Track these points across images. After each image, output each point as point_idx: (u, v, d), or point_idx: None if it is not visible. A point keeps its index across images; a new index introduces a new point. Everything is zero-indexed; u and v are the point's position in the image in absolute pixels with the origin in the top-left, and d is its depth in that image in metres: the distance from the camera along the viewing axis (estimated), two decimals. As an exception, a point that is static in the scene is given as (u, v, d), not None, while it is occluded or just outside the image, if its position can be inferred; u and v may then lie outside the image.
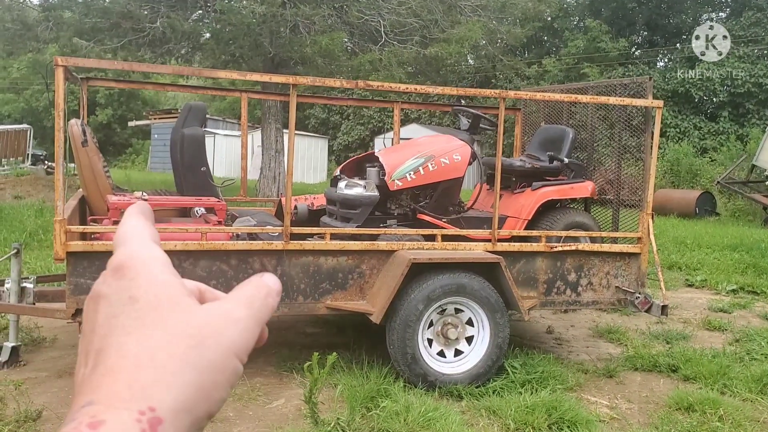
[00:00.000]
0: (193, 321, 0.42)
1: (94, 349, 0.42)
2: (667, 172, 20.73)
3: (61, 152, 4.04)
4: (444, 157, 5.22)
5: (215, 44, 13.90)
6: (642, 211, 5.25)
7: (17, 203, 13.29)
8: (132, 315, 0.42)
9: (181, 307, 0.43)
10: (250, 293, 0.47)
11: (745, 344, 5.88)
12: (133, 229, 0.48)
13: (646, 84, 5.26)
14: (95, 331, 0.43)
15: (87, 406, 0.38)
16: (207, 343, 0.42)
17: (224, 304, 0.46)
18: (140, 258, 0.45)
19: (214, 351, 0.42)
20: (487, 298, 4.57)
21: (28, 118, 34.58)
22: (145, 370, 0.39)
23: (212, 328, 0.43)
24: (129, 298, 0.42)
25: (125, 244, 0.47)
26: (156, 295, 0.43)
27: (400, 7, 13.28)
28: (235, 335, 0.43)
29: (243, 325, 0.44)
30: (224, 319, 0.44)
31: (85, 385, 0.40)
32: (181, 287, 0.45)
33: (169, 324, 0.42)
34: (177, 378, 0.40)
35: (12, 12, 13.79)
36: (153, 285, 0.43)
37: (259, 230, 4.65)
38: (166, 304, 0.43)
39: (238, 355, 0.43)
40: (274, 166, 15.21)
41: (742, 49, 24.47)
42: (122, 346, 0.41)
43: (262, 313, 0.46)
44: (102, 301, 0.43)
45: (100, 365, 0.40)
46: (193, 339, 0.41)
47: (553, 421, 4.00)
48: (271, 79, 4.86)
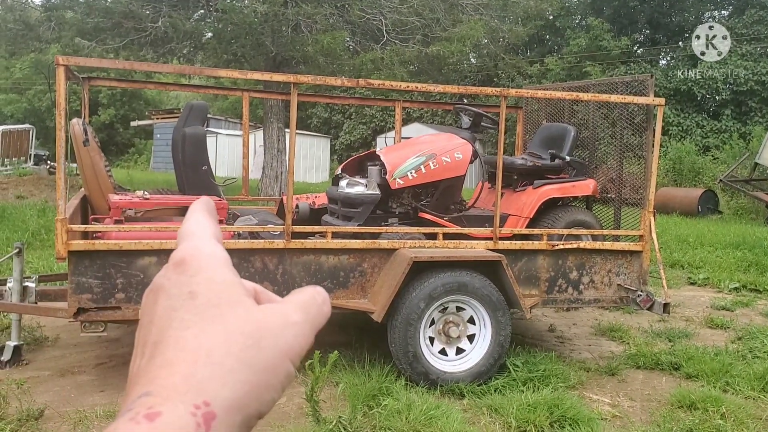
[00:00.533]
0: (250, 320, 0.43)
1: (152, 340, 0.42)
2: (670, 170, 20.70)
3: (62, 152, 4.05)
4: (445, 155, 5.21)
5: (217, 44, 13.90)
6: (644, 209, 5.24)
7: (20, 203, 13.32)
8: (191, 310, 0.42)
9: (240, 306, 0.43)
10: (307, 299, 0.47)
11: (747, 342, 5.87)
12: (197, 225, 0.48)
13: (648, 82, 5.26)
14: (153, 322, 0.43)
15: (144, 396, 0.38)
16: (263, 344, 0.42)
17: (282, 306, 0.46)
18: (202, 254, 0.45)
19: (269, 352, 0.42)
20: (489, 296, 4.57)
21: (31, 118, 34.62)
22: (202, 365, 0.40)
23: (269, 329, 0.43)
24: (189, 293, 0.43)
25: (188, 239, 0.47)
26: (216, 293, 0.43)
27: (402, 5, 13.28)
28: (290, 338, 0.44)
29: (299, 330, 0.45)
30: (281, 321, 0.44)
31: (142, 376, 0.41)
32: (240, 286, 0.45)
33: (227, 321, 0.42)
34: (232, 375, 0.40)
35: (14, 12, 13.81)
36: (213, 282, 0.44)
37: (260, 229, 4.65)
38: (225, 302, 0.43)
39: (292, 359, 0.44)
40: (276, 166, 15.21)
41: (744, 47, 24.43)
42: (180, 340, 0.41)
43: (316, 320, 0.47)
44: (162, 293, 0.44)
45: (158, 357, 0.41)
46: (250, 338, 0.42)
47: (555, 419, 3.99)
48: (272, 78, 4.87)
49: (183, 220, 0.50)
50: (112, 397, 4.24)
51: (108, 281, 4.13)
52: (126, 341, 5.42)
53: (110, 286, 4.14)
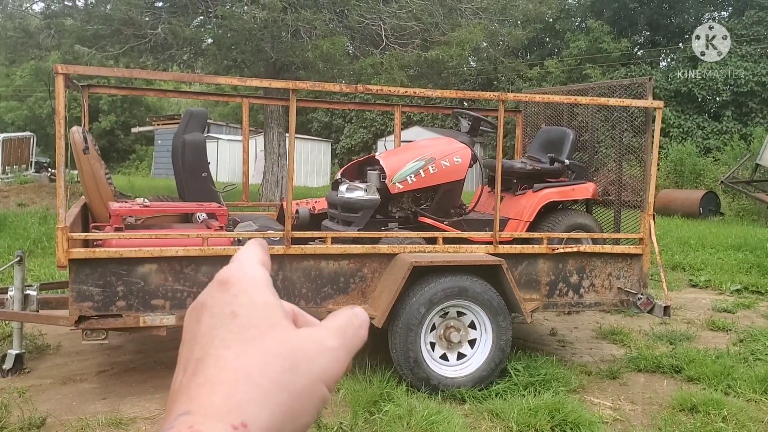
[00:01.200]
0: (288, 344, 0.43)
1: (195, 357, 0.43)
2: (671, 172, 20.68)
3: (62, 159, 4.06)
4: (444, 159, 5.22)
5: (217, 50, 13.92)
6: (643, 211, 5.24)
7: (21, 211, 13.33)
8: (232, 329, 0.43)
9: (278, 328, 0.44)
10: (344, 323, 0.48)
11: (749, 344, 5.86)
12: (248, 251, 0.50)
13: (647, 84, 5.26)
14: (196, 340, 0.44)
15: (184, 415, 0.39)
16: (300, 368, 0.43)
17: (319, 331, 0.46)
18: (246, 276, 0.46)
19: (305, 376, 0.43)
20: (490, 300, 4.57)
21: (32, 125, 34.71)
22: (242, 385, 0.40)
23: (306, 353, 0.44)
24: (231, 313, 0.44)
25: (236, 262, 0.48)
26: (256, 315, 0.44)
27: (401, 10, 13.29)
28: (326, 363, 0.44)
29: (335, 355, 0.45)
30: (318, 345, 0.45)
31: (183, 393, 0.41)
32: (279, 309, 0.46)
33: (266, 343, 0.43)
34: (270, 398, 0.41)
35: (14, 20, 13.83)
36: (254, 304, 0.45)
37: (260, 235, 4.65)
38: (265, 324, 0.44)
39: (327, 383, 0.44)
40: (276, 171, 15.22)
41: (744, 48, 24.42)
42: (221, 359, 0.42)
43: (353, 344, 0.47)
44: (205, 312, 0.45)
45: (200, 374, 0.42)
46: (287, 362, 0.42)
47: (556, 423, 3.99)
48: (271, 84, 4.88)
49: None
50: (114, 404, 4.24)
51: (109, 289, 4.14)
52: (128, 348, 5.42)
53: (111, 293, 4.14)
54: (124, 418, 4.00)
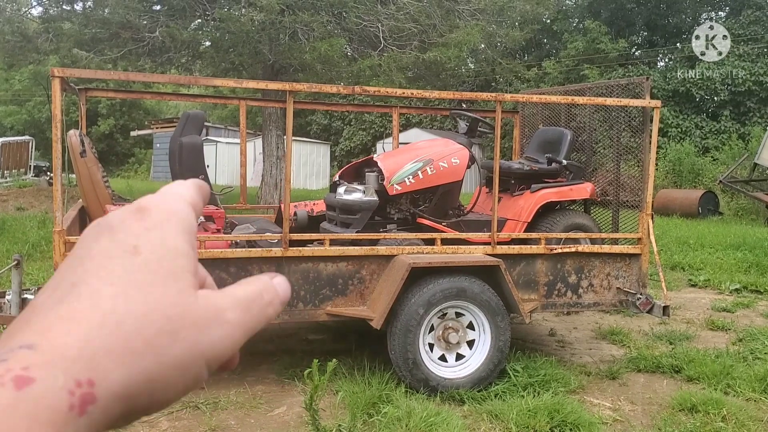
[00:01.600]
0: (180, 303, 0.37)
1: (71, 279, 0.37)
2: (670, 172, 20.69)
3: (59, 163, 4.05)
4: (442, 160, 5.22)
5: (215, 52, 13.93)
6: (642, 211, 5.24)
7: (20, 215, 13.32)
8: (126, 265, 0.37)
9: (177, 283, 0.38)
10: (252, 296, 0.41)
11: (748, 344, 5.85)
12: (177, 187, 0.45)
13: (644, 84, 5.26)
14: (83, 260, 0.38)
15: (26, 348, 0.33)
16: (182, 335, 0.37)
17: (220, 298, 0.40)
18: (167, 211, 0.41)
19: (186, 347, 0.37)
20: (488, 301, 4.56)
21: (31, 129, 34.68)
22: (107, 333, 0.35)
23: (196, 320, 0.38)
24: (133, 247, 0.38)
25: (163, 194, 0.43)
26: (159, 258, 0.38)
27: (399, 12, 13.30)
28: (215, 338, 0.38)
29: (229, 331, 0.39)
30: (213, 315, 0.39)
31: (39, 318, 0.36)
32: (188, 261, 0.40)
33: (154, 295, 0.37)
34: (134, 358, 0.35)
35: (12, 24, 13.84)
36: (162, 246, 0.39)
37: (257, 237, 4.65)
38: (164, 272, 0.38)
39: (209, 362, 0.38)
40: (275, 173, 15.21)
41: (742, 48, 24.44)
42: (97, 294, 0.36)
43: (254, 323, 0.41)
44: (107, 233, 0.39)
45: (65, 303, 0.36)
46: (171, 324, 0.36)
47: (556, 424, 3.98)
48: (268, 86, 4.88)
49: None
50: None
51: (106, 292, 4.12)
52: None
53: (108, 297, 4.13)
54: (122, 422, 3.99)
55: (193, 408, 4.23)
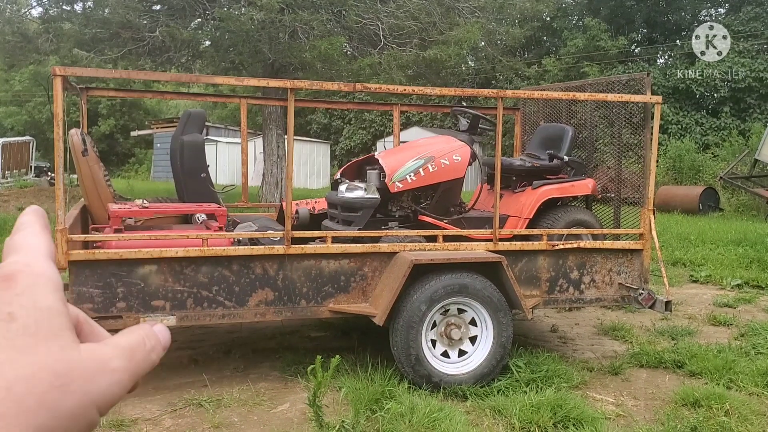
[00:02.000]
0: (65, 359, 0.39)
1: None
2: (670, 168, 20.69)
3: (61, 162, 4.06)
4: (444, 158, 5.22)
5: (215, 51, 13.94)
6: (643, 207, 5.24)
7: (21, 215, 13.31)
8: (5, 333, 0.38)
9: (58, 340, 0.40)
10: (134, 343, 0.44)
11: (750, 339, 5.86)
12: (31, 239, 0.45)
13: (645, 80, 5.26)
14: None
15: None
16: (72, 388, 0.38)
17: (104, 348, 0.42)
18: (33, 274, 0.41)
19: (77, 398, 0.38)
20: (490, 297, 4.57)
21: (31, 130, 34.71)
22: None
23: (83, 372, 0.39)
24: (8, 314, 0.39)
25: (19, 253, 0.43)
26: (36, 320, 0.39)
27: (399, 10, 13.30)
28: (105, 386, 0.40)
29: (116, 378, 0.41)
30: (99, 365, 0.41)
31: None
32: (63, 318, 0.41)
33: (39, 355, 0.38)
34: (28, 418, 0.36)
35: (12, 25, 13.85)
36: (36, 308, 0.40)
37: (260, 235, 4.65)
38: (43, 333, 0.39)
39: (100, 408, 0.40)
40: (276, 172, 15.22)
41: (741, 44, 24.44)
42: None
43: (140, 368, 0.43)
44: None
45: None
46: (59, 379, 0.38)
47: (559, 419, 3.99)
48: (268, 84, 4.88)
49: (14, 229, 0.46)
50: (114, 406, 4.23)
51: (109, 290, 4.14)
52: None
53: (111, 295, 4.14)
54: (125, 420, 4.00)
55: (197, 405, 4.24)
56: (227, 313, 4.37)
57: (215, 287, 4.33)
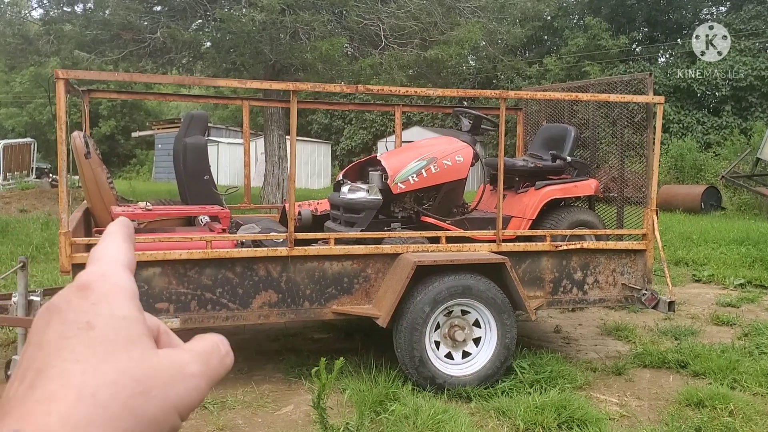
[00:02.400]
0: (144, 365, 0.40)
1: (35, 366, 0.39)
2: (672, 167, 20.66)
3: (64, 165, 4.06)
4: (446, 158, 5.22)
5: (216, 53, 13.93)
6: (646, 207, 5.24)
7: (23, 217, 13.34)
8: (84, 341, 0.39)
9: (137, 347, 0.40)
10: (209, 348, 0.44)
11: (753, 338, 5.85)
12: (111, 249, 0.46)
13: (647, 80, 5.26)
14: (42, 346, 0.39)
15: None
16: (153, 393, 0.39)
17: (181, 354, 0.43)
18: (108, 283, 0.42)
19: (158, 403, 0.39)
20: (494, 298, 4.57)
21: (32, 131, 34.73)
22: (85, 406, 0.36)
23: (163, 377, 0.40)
24: (87, 323, 0.40)
25: (98, 263, 0.44)
26: (114, 328, 0.40)
27: (399, 10, 13.29)
28: (183, 391, 0.41)
29: (195, 383, 0.42)
30: (178, 370, 0.41)
31: (16, 407, 0.37)
32: (141, 325, 0.42)
33: (120, 362, 0.39)
34: (114, 423, 0.37)
35: (13, 26, 13.85)
36: (113, 317, 0.41)
37: (263, 237, 4.65)
38: (123, 340, 0.40)
39: (181, 413, 0.41)
40: (277, 173, 15.21)
41: (743, 43, 24.40)
42: (65, 373, 0.38)
43: (216, 373, 0.44)
44: (56, 317, 0.40)
45: (39, 388, 0.37)
46: (141, 385, 0.39)
47: (563, 420, 3.99)
48: (271, 86, 4.88)
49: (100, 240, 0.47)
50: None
51: (112, 293, 4.13)
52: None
53: (115, 297, 4.13)
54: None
55: (201, 408, 4.23)
56: (231, 315, 4.37)
57: (219, 289, 4.33)
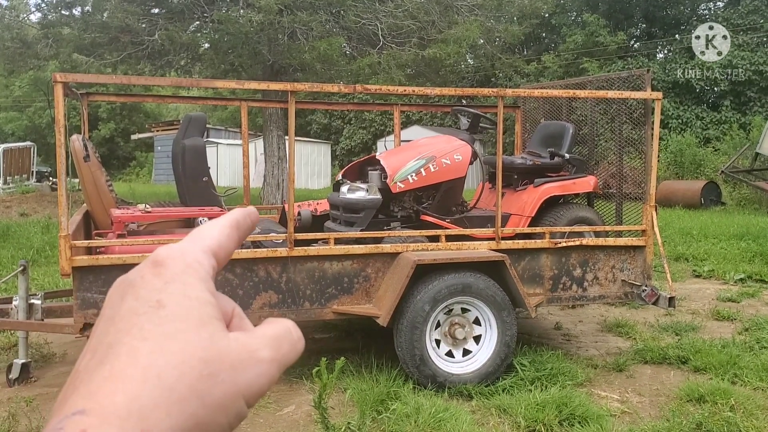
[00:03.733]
0: (214, 348, 0.39)
1: (107, 341, 0.39)
2: (671, 163, 20.66)
3: (63, 168, 4.06)
4: (445, 157, 5.22)
5: (214, 54, 13.93)
6: (645, 203, 5.24)
7: (23, 220, 13.35)
8: (155, 320, 0.38)
9: (207, 328, 0.39)
10: (281, 333, 0.43)
11: (754, 333, 5.86)
12: (207, 230, 0.45)
13: (645, 76, 5.26)
14: (114, 321, 0.39)
15: (78, 414, 0.35)
16: (221, 377, 0.38)
17: (252, 338, 0.42)
18: (183, 263, 0.41)
19: (225, 388, 0.38)
20: (493, 296, 4.57)
21: (32, 135, 34.75)
22: (151, 387, 0.36)
23: (232, 361, 0.39)
24: (157, 301, 0.39)
25: (186, 241, 0.43)
26: (185, 308, 0.39)
27: (397, 9, 13.29)
28: (253, 377, 0.40)
29: (265, 368, 0.41)
30: (248, 355, 0.40)
31: (84, 383, 0.37)
32: (212, 308, 0.41)
33: (189, 342, 0.38)
34: (180, 406, 0.36)
35: (11, 30, 13.86)
36: (186, 296, 0.40)
37: (262, 238, 4.66)
38: (193, 321, 0.39)
39: (248, 399, 0.40)
40: (277, 174, 15.22)
41: (741, 38, 24.38)
42: (133, 351, 0.37)
43: (287, 359, 0.42)
44: (131, 291, 0.40)
45: (107, 364, 0.37)
46: (209, 368, 0.38)
47: (564, 417, 3.99)
48: (269, 87, 4.89)
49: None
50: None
51: (113, 296, 4.14)
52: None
53: (115, 300, 4.14)
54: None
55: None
56: (231, 317, 4.37)
57: (218, 291, 4.32)
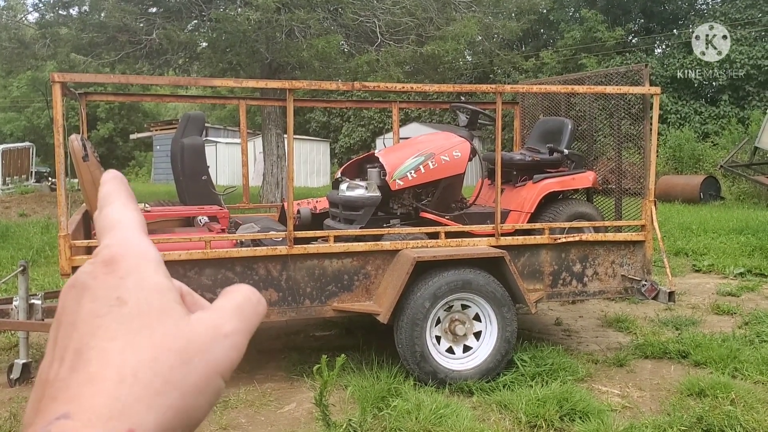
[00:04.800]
0: (181, 335, 0.39)
1: (73, 347, 0.38)
2: (670, 158, 20.67)
3: (62, 168, 4.06)
4: (444, 154, 5.22)
5: (212, 53, 13.91)
6: (644, 198, 5.24)
7: (23, 221, 13.35)
8: (118, 318, 0.38)
9: (171, 317, 0.40)
10: (241, 301, 0.43)
11: (754, 327, 5.87)
12: (120, 213, 0.44)
13: (643, 71, 5.26)
14: (76, 326, 0.39)
15: (62, 419, 0.35)
16: (194, 362, 0.38)
17: (213, 314, 0.42)
18: (133, 254, 0.41)
19: (200, 371, 0.39)
20: (493, 292, 4.58)
21: (31, 135, 34.72)
22: (129, 385, 0.36)
23: (200, 344, 0.39)
24: (117, 299, 0.39)
25: (112, 232, 0.43)
26: (146, 300, 0.39)
27: (395, 6, 13.27)
28: (222, 353, 0.40)
29: (232, 342, 0.41)
30: (213, 333, 0.40)
31: (62, 390, 0.37)
32: (172, 294, 0.41)
33: (156, 335, 0.38)
34: (160, 399, 0.37)
35: (9, 31, 13.84)
36: (144, 288, 0.40)
37: (262, 236, 4.66)
38: (155, 312, 0.39)
39: (223, 374, 0.40)
40: (276, 172, 15.21)
41: (739, 32, 24.37)
42: (104, 353, 0.37)
43: (251, 324, 0.42)
44: (87, 294, 0.39)
45: (81, 370, 0.37)
46: (180, 356, 0.38)
47: (565, 412, 4.00)
48: (267, 85, 4.88)
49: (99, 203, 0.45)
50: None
51: (113, 295, 4.14)
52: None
53: (116, 299, 4.15)
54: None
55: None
56: (232, 315, 4.37)
57: (219, 289, 4.33)
